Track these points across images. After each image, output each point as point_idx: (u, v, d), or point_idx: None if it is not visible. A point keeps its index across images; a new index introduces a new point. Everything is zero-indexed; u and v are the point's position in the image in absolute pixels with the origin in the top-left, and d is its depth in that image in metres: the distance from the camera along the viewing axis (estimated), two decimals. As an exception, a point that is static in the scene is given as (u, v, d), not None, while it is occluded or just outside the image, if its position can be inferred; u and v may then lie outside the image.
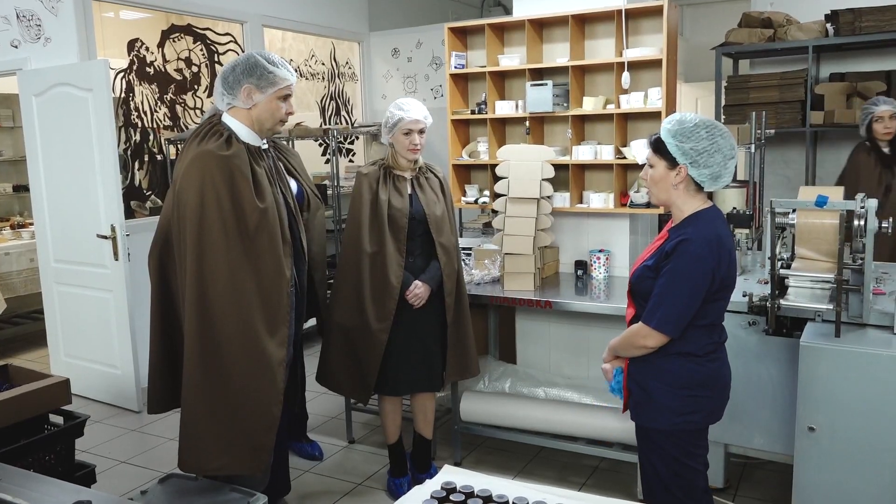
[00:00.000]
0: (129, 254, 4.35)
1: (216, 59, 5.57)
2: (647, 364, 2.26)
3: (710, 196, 2.31)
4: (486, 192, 4.08)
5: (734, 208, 3.52)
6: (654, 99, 3.56)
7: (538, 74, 3.90)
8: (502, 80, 4.08)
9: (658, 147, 2.20)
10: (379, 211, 3.09)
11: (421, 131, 3.12)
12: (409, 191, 3.18)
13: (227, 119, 2.56)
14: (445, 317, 3.22)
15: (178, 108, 5.35)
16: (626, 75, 3.59)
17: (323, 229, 3.31)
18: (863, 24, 5.12)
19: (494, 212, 3.71)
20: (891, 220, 2.67)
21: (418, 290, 3.12)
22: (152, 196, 5.24)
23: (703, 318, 2.19)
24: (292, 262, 2.62)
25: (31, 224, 5.50)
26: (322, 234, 3.27)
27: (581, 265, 3.81)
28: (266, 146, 2.68)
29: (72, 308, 4.70)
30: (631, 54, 3.59)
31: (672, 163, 2.18)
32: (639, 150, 3.57)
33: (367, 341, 3.12)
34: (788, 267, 2.95)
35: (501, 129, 4.09)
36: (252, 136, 2.58)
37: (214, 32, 5.56)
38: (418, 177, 3.22)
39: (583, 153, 3.75)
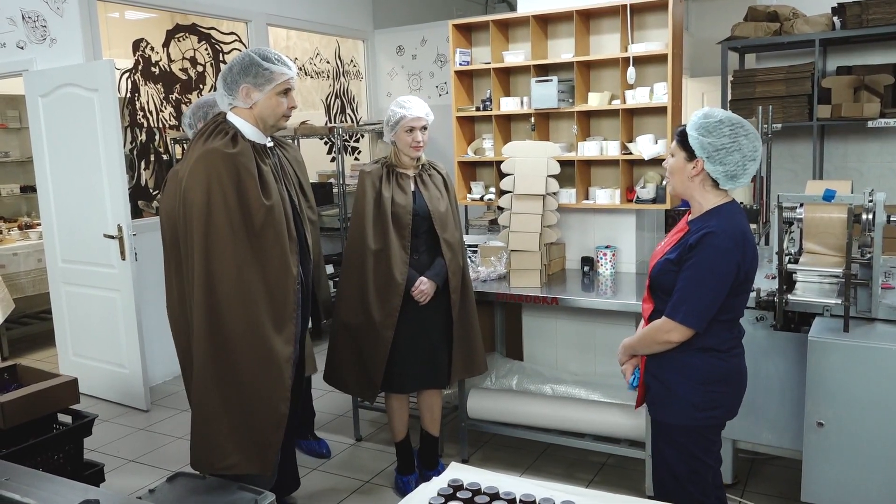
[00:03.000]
0: (135, 253, 4.36)
1: (221, 58, 5.58)
2: (667, 359, 2.23)
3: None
4: (492, 189, 4.07)
5: (741, 203, 3.51)
6: (660, 94, 3.55)
7: (543, 70, 3.89)
8: (507, 77, 4.07)
9: (681, 137, 2.19)
10: (383, 209, 3.09)
11: (423, 128, 3.12)
12: (413, 188, 3.18)
13: (232, 118, 2.56)
14: (451, 314, 3.22)
15: (184, 108, 5.36)
16: (631, 70, 3.58)
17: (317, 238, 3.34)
18: (870, 17, 5.09)
19: (500, 209, 3.70)
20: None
21: (423, 287, 3.12)
22: (159, 195, 5.25)
23: (726, 313, 2.18)
24: (298, 260, 2.62)
25: (39, 224, 5.52)
26: (316, 243, 3.30)
27: (587, 261, 3.80)
28: (271, 144, 2.68)
29: (79, 308, 4.72)
30: (636, 49, 3.58)
31: (691, 155, 2.16)
32: (645, 146, 3.56)
33: (372, 339, 3.12)
34: (796, 262, 2.94)
35: (507, 125, 4.09)
36: (257, 134, 2.58)
37: (219, 31, 5.57)
38: (421, 174, 3.22)
39: (588, 149, 3.74)
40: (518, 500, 1.64)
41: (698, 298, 2.12)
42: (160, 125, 5.22)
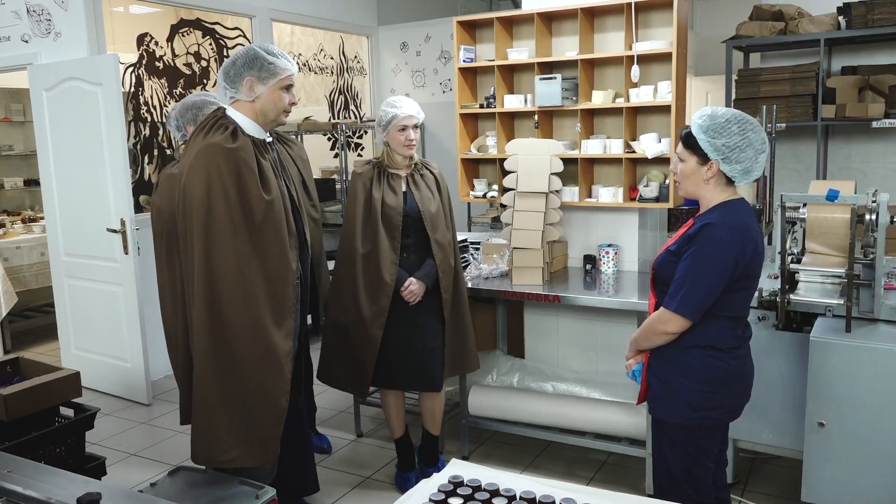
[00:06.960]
0: (138, 248, 4.37)
1: (225, 53, 5.58)
2: (668, 358, 2.25)
3: None
4: (495, 187, 4.07)
5: (744, 202, 3.50)
6: (664, 93, 3.54)
7: (547, 68, 3.88)
8: (511, 74, 4.06)
9: (689, 142, 2.20)
10: (373, 210, 3.10)
11: (415, 126, 3.14)
12: (404, 188, 3.19)
13: (232, 112, 2.57)
14: (443, 313, 3.22)
15: (188, 103, 5.36)
16: (635, 69, 3.57)
17: (319, 236, 3.36)
18: (875, 17, 5.08)
19: (503, 206, 3.70)
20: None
21: (413, 287, 3.12)
22: (161, 190, 5.25)
23: (726, 309, 2.18)
24: (298, 255, 2.63)
25: (42, 218, 5.53)
26: (318, 241, 3.31)
27: (590, 259, 3.80)
28: (270, 139, 2.68)
29: (82, 301, 4.73)
30: (641, 48, 3.57)
31: (703, 158, 2.18)
32: (648, 145, 3.55)
33: (362, 337, 3.13)
34: (799, 262, 2.94)
35: (510, 123, 4.08)
36: (256, 129, 2.59)
37: (223, 27, 5.57)
38: (413, 174, 3.22)
39: (592, 147, 3.74)
40: (518, 497, 1.65)
41: (693, 288, 2.13)
42: (164, 120, 5.22)
